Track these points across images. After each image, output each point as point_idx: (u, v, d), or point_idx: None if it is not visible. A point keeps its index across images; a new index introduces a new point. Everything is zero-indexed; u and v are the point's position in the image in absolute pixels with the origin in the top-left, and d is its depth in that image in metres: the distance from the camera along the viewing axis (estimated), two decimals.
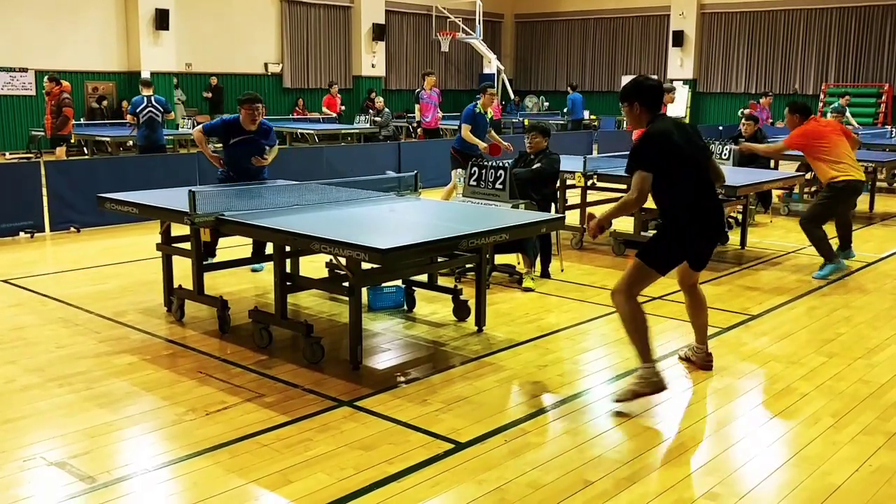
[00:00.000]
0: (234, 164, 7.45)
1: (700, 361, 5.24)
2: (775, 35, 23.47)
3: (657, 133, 4.65)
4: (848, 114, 16.55)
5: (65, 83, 13.05)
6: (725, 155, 9.90)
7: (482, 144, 10.39)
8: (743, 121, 11.52)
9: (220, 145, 7.65)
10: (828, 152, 7.68)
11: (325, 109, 19.71)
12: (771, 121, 15.49)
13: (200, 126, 7.76)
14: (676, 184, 4.66)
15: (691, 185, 4.70)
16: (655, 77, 4.70)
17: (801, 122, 7.86)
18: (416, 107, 15.72)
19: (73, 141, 14.00)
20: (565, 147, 13.67)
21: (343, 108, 21.32)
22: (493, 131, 11.05)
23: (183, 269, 6.29)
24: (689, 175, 4.70)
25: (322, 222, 5.41)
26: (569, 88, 22.48)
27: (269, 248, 5.97)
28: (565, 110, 22.27)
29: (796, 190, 11.84)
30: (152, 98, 12.53)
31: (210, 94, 20.76)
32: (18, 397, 4.70)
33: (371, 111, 20.32)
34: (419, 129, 15.31)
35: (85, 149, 16.12)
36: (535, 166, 7.50)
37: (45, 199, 9.70)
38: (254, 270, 7.69)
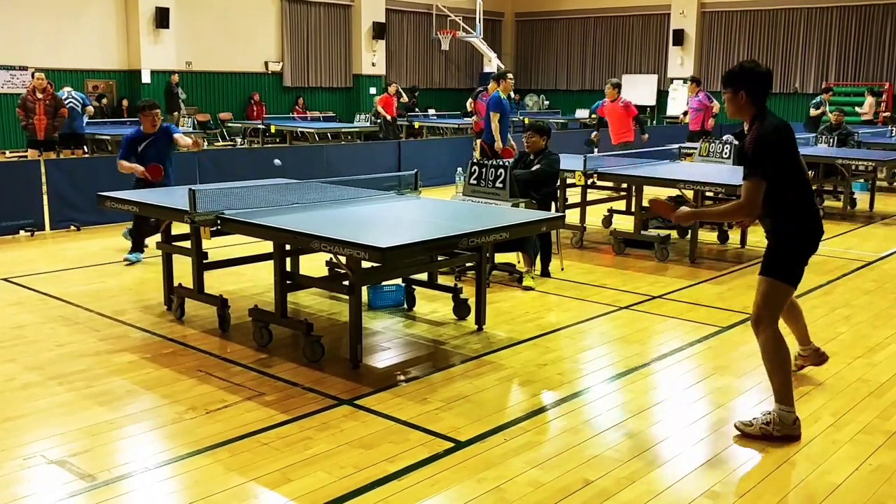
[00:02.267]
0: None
1: (812, 358, 5.08)
2: (776, 34, 23.45)
3: (774, 130, 4.07)
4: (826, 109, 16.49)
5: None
6: (726, 154, 9.91)
7: (499, 144, 10.21)
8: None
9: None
10: None
11: (380, 109, 19.14)
12: (714, 110, 14.99)
13: (119, 156, 8.18)
14: (797, 183, 4.14)
15: (807, 182, 4.22)
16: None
17: None
18: (469, 102, 15.56)
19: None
20: (565, 146, 13.67)
21: (403, 105, 20.64)
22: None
23: (183, 268, 6.29)
24: (804, 172, 4.22)
25: (322, 221, 5.41)
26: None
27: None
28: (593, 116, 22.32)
29: None
30: (72, 91, 14.46)
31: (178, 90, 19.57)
32: (18, 395, 4.71)
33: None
34: (474, 124, 15.28)
35: (85, 147, 16.09)
36: (534, 168, 7.50)
37: (45, 197, 9.71)
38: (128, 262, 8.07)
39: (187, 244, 6.15)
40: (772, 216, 4.21)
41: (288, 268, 6.00)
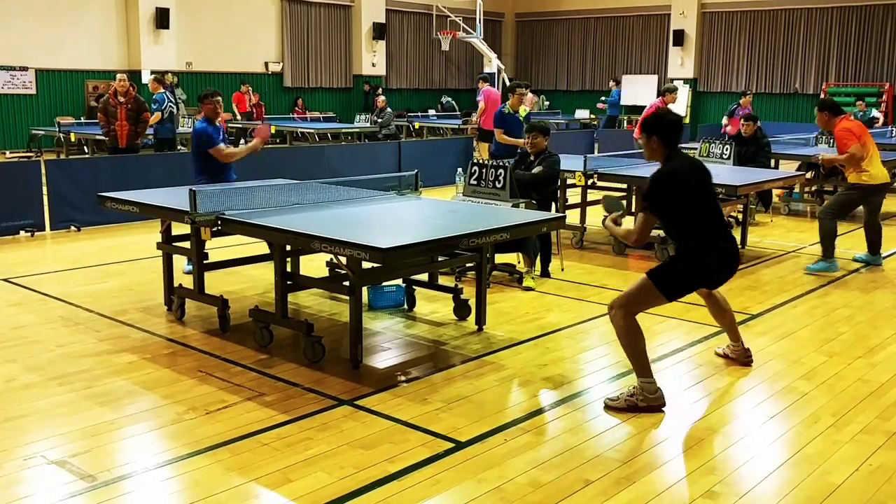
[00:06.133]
0: (214, 167, 7.41)
1: (740, 357, 5.31)
2: (776, 34, 23.44)
3: (671, 172, 4.60)
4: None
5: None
6: (726, 155, 9.91)
7: (519, 142, 10.27)
8: (742, 121, 11.51)
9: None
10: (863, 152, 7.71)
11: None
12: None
13: (220, 145, 7.41)
14: (693, 220, 4.61)
15: (707, 222, 4.66)
16: (676, 115, 4.68)
17: (832, 118, 7.84)
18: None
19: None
20: (566, 146, 13.68)
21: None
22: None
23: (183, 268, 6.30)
24: (705, 213, 4.66)
25: (323, 221, 5.41)
26: (612, 83, 22.55)
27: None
28: (603, 100, 22.20)
29: (797, 189, 11.84)
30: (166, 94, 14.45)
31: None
32: (19, 396, 4.71)
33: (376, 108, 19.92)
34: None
35: (85, 147, 16.12)
36: (535, 170, 7.49)
37: (45, 197, 9.70)
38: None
39: (187, 244, 6.16)
40: (675, 243, 4.80)
41: (288, 268, 6.00)
